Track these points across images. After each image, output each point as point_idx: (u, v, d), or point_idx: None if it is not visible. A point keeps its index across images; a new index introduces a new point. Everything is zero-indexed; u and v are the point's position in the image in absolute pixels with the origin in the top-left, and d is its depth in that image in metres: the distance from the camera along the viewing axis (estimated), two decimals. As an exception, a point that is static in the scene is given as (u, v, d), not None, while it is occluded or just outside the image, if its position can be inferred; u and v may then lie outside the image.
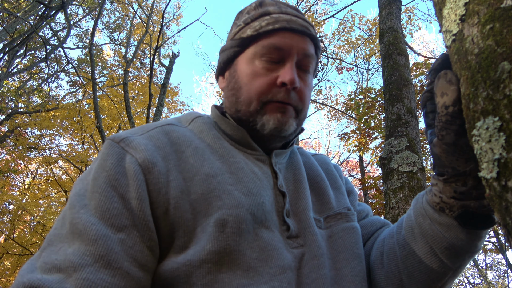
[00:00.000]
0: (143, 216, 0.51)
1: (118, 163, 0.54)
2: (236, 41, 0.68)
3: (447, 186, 0.53)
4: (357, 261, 0.64)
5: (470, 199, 0.52)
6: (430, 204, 0.58)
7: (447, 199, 0.54)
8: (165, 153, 0.57)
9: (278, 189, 0.64)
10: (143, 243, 0.50)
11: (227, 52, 0.70)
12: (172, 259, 0.51)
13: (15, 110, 11.15)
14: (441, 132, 0.47)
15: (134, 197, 0.51)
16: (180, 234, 0.52)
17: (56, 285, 0.43)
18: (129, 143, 0.56)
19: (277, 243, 0.56)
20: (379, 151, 6.71)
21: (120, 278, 0.46)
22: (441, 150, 0.49)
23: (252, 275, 0.51)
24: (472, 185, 0.51)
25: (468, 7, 0.39)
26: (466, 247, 0.57)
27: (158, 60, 9.69)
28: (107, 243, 0.47)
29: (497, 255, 12.33)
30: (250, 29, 0.66)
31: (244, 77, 0.65)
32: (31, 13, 8.84)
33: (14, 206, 10.28)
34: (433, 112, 0.52)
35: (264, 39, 0.64)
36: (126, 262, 0.48)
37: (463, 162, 0.48)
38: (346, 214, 0.70)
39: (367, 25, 10.03)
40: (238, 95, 0.66)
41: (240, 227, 0.53)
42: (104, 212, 0.50)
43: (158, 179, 0.53)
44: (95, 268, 0.45)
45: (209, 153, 0.61)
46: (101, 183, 0.52)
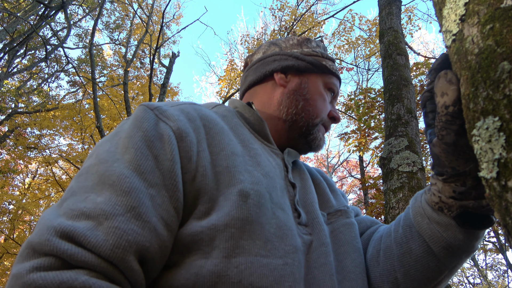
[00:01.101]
0: (174, 177, 0.53)
1: (154, 127, 0.56)
2: (315, 61, 0.80)
3: (446, 186, 0.54)
4: (357, 254, 0.67)
5: (469, 199, 0.53)
6: (428, 204, 0.59)
7: (446, 199, 0.55)
8: (196, 126, 0.60)
9: (288, 180, 0.69)
10: (170, 203, 0.51)
11: (302, 63, 0.80)
12: (194, 223, 0.53)
13: (15, 110, 11.15)
14: (441, 132, 0.48)
15: (167, 159, 0.53)
16: (204, 200, 0.54)
17: (88, 232, 0.43)
18: (163, 112, 0.58)
19: (291, 225, 0.59)
20: (379, 151, 6.71)
21: (148, 231, 0.47)
22: (440, 150, 0.49)
23: (269, 247, 0.53)
24: (471, 185, 0.51)
25: (468, 7, 0.39)
26: (463, 246, 0.58)
27: (158, 60, 9.69)
28: (139, 196, 0.48)
29: (497, 255, 12.33)
30: (326, 63, 0.81)
31: (316, 93, 0.79)
32: (31, 13, 8.84)
33: (14, 206, 10.27)
34: (433, 112, 0.52)
35: (331, 77, 0.81)
36: (155, 217, 0.48)
37: (462, 162, 0.49)
38: (345, 211, 0.74)
39: (367, 25, 10.03)
40: (307, 104, 0.77)
41: (260, 201, 0.56)
42: (139, 167, 0.51)
43: (189, 147, 0.56)
44: (126, 218, 0.46)
45: (232, 136, 0.65)
46: (137, 140, 0.53)
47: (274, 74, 0.80)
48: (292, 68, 0.79)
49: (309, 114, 0.76)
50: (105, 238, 0.43)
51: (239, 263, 0.50)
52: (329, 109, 0.80)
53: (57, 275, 0.39)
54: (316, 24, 9.21)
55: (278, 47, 0.83)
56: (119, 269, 0.44)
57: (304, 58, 0.79)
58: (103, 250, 0.43)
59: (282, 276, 0.51)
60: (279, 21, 9.56)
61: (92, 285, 0.40)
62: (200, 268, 0.49)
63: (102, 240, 0.43)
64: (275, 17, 9.83)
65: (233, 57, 13.41)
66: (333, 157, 18.41)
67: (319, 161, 18.44)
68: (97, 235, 0.43)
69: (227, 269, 0.49)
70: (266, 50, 0.84)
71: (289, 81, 0.79)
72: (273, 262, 0.52)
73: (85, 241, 0.42)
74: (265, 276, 0.50)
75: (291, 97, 0.77)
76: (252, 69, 0.84)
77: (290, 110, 0.76)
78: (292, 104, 0.76)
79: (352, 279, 0.62)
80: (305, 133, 0.75)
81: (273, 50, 0.83)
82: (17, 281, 0.39)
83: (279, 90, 0.78)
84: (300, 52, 0.81)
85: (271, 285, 0.50)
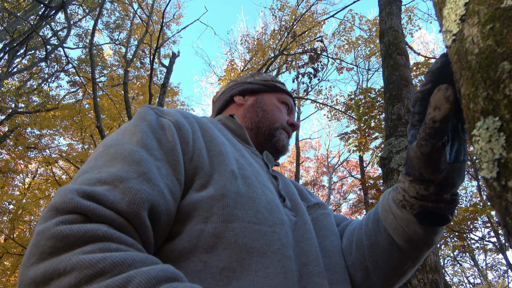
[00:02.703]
0: (176, 154, 0.61)
1: (156, 119, 0.65)
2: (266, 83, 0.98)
3: (411, 186, 0.60)
4: (334, 237, 0.76)
5: (429, 202, 0.59)
6: (394, 201, 0.66)
7: (409, 198, 0.61)
8: (190, 121, 0.71)
9: (271, 173, 0.80)
10: (173, 175, 0.59)
11: (255, 85, 0.98)
12: (193, 194, 0.60)
13: (15, 110, 11.15)
14: (421, 141, 0.52)
15: (169, 141, 0.62)
16: (201, 175, 0.62)
17: (107, 193, 0.48)
18: (162, 111, 0.69)
19: (278, 203, 0.68)
20: (379, 151, 6.71)
21: (157, 192, 0.53)
22: (415, 156, 0.54)
23: (260, 217, 0.61)
24: (433, 191, 0.57)
25: (468, 7, 0.39)
26: (423, 240, 0.64)
27: (158, 60, 9.69)
28: (148, 165, 0.55)
29: (497, 255, 12.33)
30: (276, 83, 0.99)
31: (271, 105, 0.94)
32: (31, 13, 8.84)
33: (14, 206, 10.27)
34: (420, 114, 0.54)
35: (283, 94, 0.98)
36: (162, 183, 0.55)
37: (430, 171, 0.54)
38: (322, 205, 0.85)
39: (367, 25, 10.03)
40: (265, 113, 0.92)
41: (247, 182, 0.65)
42: (146, 145, 0.58)
43: (186, 134, 0.66)
44: (138, 181, 0.52)
45: (219, 134, 0.75)
46: (143, 127, 0.62)
47: (234, 98, 0.97)
48: (247, 90, 0.97)
49: (268, 120, 0.90)
50: (122, 197, 0.49)
51: (235, 227, 0.57)
52: (286, 118, 0.95)
53: (81, 226, 0.44)
54: (316, 24, 9.21)
55: (234, 82, 1.02)
56: (134, 226, 0.49)
57: (256, 82, 0.98)
58: (121, 206, 0.48)
59: (271, 241, 0.59)
60: (279, 21, 9.56)
61: (113, 235, 0.45)
62: (201, 231, 0.56)
63: (120, 198, 0.49)
64: (275, 17, 9.84)
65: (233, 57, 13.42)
66: (333, 157, 18.42)
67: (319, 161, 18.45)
68: (115, 194, 0.49)
69: (224, 231, 0.56)
70: (226, 87, 1.03)
71: (247, 100, 0.96)
72: (263, 229, 0.59)
73: (104, 200, 0.48)
74: (256, 239, 0.57)
75: (251, 110, 0.93)
76: (217, 101, 1.03)
77: (253, 120, 0.91)
78: (253, 115, 0.91)
79: (330, 256, 0.70)
80: (268, 136, 0.89)
81: (231, 84, 1.02)
82: (43, 235, 0.43)
83: (240, 108, 0.95)
84: (253, 80, 1.00)
85: (262, 246, 0.57)
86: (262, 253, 0.56)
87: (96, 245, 0.43)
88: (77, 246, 0.42)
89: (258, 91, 0.97)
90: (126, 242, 0.46)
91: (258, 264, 0.55)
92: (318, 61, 9.62)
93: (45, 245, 0.42)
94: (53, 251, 0.42)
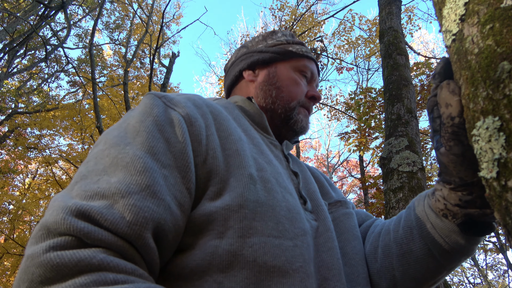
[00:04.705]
0: (186, 158, 0.53)
1: (163, 113, 0.57)
2: (279, 50, 0.83)
3: (452, 194, 0.54)
4: (357, 242, 0.69)
5: (474, 208, 0.53)
6: (432, 209, 0.60)
7: (452, 207, 0.55)
8: (203, 112, 0.62)
9: (291, 169, 0.71)
10: (183, 184, 0.52)
11: (266, 55, 0.83)
12: (206, 204, 0.53)
13: (15, 110, 11.14)
14: (449, 143, 0.48)
15: (179, 141, 0.54)
16: (216, 181, 0.55)
17: (104, 211, 0.43)
18: (171, 100, 0.60)
19: (299, 209, 0.61)
20: (379, 151, 6.71)
21: (163, 208, 0.47)
22: (449, 160, 0.49)
23: (281, 229, 0.54)
24: (478, 195, 0.51)
25: (468, 7, 0.39)
26: (463, 250, 0.60)
27: (158, 60, 9.68)
28: (153, 175, 0.48)
29: (497, 255, 12.33)
30: (293, 48, 0.83)
31: (286, 79, 0.80)
32: (31, 13, 8.84)
33: (14, 206, 10.27)
34: (440, 117, 0.51)
35: (301, 60, 0.83)
36: (168, 196, 0.49)
37: (471, 173, 0.49)
38: (344, 202, 0.77)
39: (367, 25, 10.03)
40: (279, 91, 0.79)
41: (267, 186, 0.57)
42: (151, 148, 0.51)
43: (199, 131, 0.58)
44: (142, 196, 0.46)
45: (236, 125, 0.68)
46: (148, 124, 0.54)
47: (243, 73, 0.84)
48: (258, 62, 0.83)
49: (284, 100, 0.78)
50: (122, 216, 0.43)
51: (253, 243, 0.51)
52: (305, 90, 0.81)
53: (74, 254, 0.39)
54: (316, 24, 9.20)
55: (245, 47, 0.88)
56: (136, 248, 0.44)
57: (268, 50, 0.83)
58: (120, 228, 0.42)
59: (293, 257, 0.53)
60: (279, 21, 9.55)
61: (110, 263, 0.39)
62: (216, 248, 0.50)
63: (119, 217, 0.43)
64: (275, 17, 9.83)
65: (233, 57, 13.36)
66: (333, 157, 18.41)
67: (319, 161, 18.44)
68: (113, 213, 0.43)
69: (242, 248, 0.50)
70: (237, 54, 0.89)
71: (258, 75, 0.83)
72: (284, 243, 0.53)
73: (101, 219, 0.42)
74: (277, 256, 0.51)
75: (264, 88, 0.80)
76: (228, 74, 0.90)
77: (267, 101, 0.79)
78: (267, 94, 0.79)
79: (352, 265, 0.64)
80: (285, 119, 0.78)
81: (242, 52, 0.88)
82: (32, 261, 0.39)
83: (252, 85, 0.83)
84: (265, 46, 0.85)
85: (283, 264, 0.51)
86: (283, 272, 0.50)
87: (91, 276, 0.38)
88: (69, 277, 0.38)
89: (271, 61, 0.82)
90: (125, 270, 0.41)
91: (278, 285, 0.49)
92: (318, 61, 9.61)
93: (35, 273, 0.38)
94: (43, 281, 0.38)
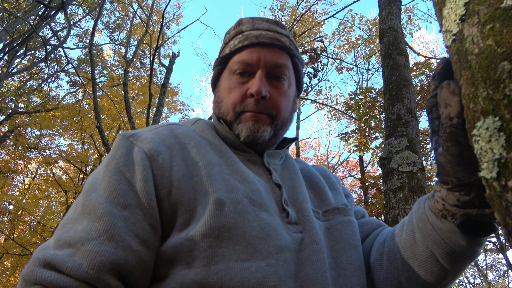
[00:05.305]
0: (147, 196, 0.56)
1: (127, 153, 0.60)
2: (219, 59, 0.76)
3: (450, 194, 0.54)
4: (353, 251, 0.67)
5: (473, 208, 0.53)
6: (432, 211, 0.59)
7: (450, 207, 0.55)
8: (170, 143, 0.64)
9: (273, 182, 0.69)
10: (145, 221, 0.55)
11: (214, 70, 0.78)
12: (175, 235, 0.56)
13: (15, 110, 11.14)
14: (446, 143, 0.48)
15: (140, 179, 0.57)
16: (182, 212, 0.57)
17: (66, 259, 0.49)
18: (137, 138, 0.63)
19: (276, 225, 0.60)
20: (379, 151, 6.71)
21: (122, 250, 0.51)
22: (446, 160, 0.49)
23: (251, 251, 0.55)
24: (475, 195, 0.51)
25: (468, 7, 0.39)
26: (466, 252, 0.58)
27: (158, 60, 9.68)
28: (111, 219, 0.53)
29: (497, 255, 12.33)
30: (228, 48, 0.74)
31: (223, 91, 0.74)
32: (31, 13, 8.84)
33: (14, 206, 10.26)
34: (439, 118, 0.51)
35: (236, 56, 0.72)
36: (128, 236, 0.53)
37: (468, 173, 0.49)
38: (343, 209, 0.74)
39: (367, 25, 10.03)
40: (220, 107, 0.74)
41: (237, 207, 0.58)
42: (112, 192, 0.56)
43: (162, 164, 0.60)
44: (99, 241, 0.51)
45: (209, 148, 0.67)
46: (111, 168, 0.59)
47: None
48: (214, 81, 0.80)
49: (224, 115, 0.73)
50: (81, 262, 0.49)
51: (219, 269, 0.52)
52: (242, 92, 0.70)
53: None
54: (316, 24, 9.20)
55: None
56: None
57: (215, 63, 0.78)
58: (80, 273, 0.48)
59: (264, 277, 0.53)
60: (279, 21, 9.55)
61: None
62: (184, 277, 0.52)
63: (78, 264, 0.49)
64: (275, 17, 9.83)
65: (233, 57, 13.35)
66: (333, 157, 18.41)
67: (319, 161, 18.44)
68: (74, 260, 0.49)
69: (207, 276, 0.52)
70: None
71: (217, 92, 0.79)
72: (254, 265, 0.54)
73: (63, 267, 0.49)
74: (246, 279, 0.52)
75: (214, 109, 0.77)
76: None
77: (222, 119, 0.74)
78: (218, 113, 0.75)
79: (346, 276, 0.63)
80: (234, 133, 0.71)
81: None
82: None
83: None
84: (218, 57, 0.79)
85: (253, 287, 0.52)
86: None
87: None
88: None
89: (219, 76, 0.78)
90: None
91: None
92: (318, 61, 9.62)
93: None
94: None
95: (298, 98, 0.85)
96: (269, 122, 0.71)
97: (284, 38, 0.74)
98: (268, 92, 0.69)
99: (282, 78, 0.72)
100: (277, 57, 0.72)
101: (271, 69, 0.71)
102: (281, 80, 0.72)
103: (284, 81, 0.73)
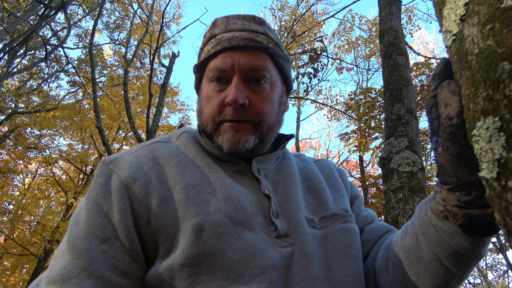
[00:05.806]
0: (125, 228, 0.56)
1: (105, 183, 0.60)
2: (196, 66, 0.72)
3: (451, 195, 0.53)
4: (351, 262, 0.64)
5: (474, 208, 0.52)
6: (434, 212, 0.59)
7: (451, 208, 0.54)
8: (148, 167, 0.63)
9: (262, 192, 0.65)
10: (125, 252, 0.55)
11: (195, 77, 0.74)
12: (158, 264, 0.56)
13: (15, 110, 11.14)
14: (446, 143, 0.47)
15: (116, 211, 0.57)
16: (162, 239, 0.56)
17: None
18: (117, 164, 0.62)
19: (261, 243, 0.58)
20: (379, 151, 6.71)
21: (101, 285, 0.52)
22: (445, 160, 0.49)
23: (232, 276, 0.54)
24: (476, 195, 0.51)
25: (468, 7, 0.39)
26: (470, 254, 0.57)
27: (158, 60, 9.68)
28: (90, 255, 0.53)
29: (497, 255, 12.33)
30: (203, 53, 0.70)
31: (203, 100, 0.70)
32: (31, 13, 8.84)
33: (14, 206, 10.27)
34: (438, 118, 0.51)
35: (211, 62, 0.68)
36: (108, 271, 0.53)
37: (467, 173, 0.49)
38: (342, 215, 0.70)
39: (367, 25, 10.03)
40: (201, 117, 0.70)
41: (218, 231, 0.56)
42: (90, 227, 0.56)
43: (139, 192, 0.59)
44: (79, 279, 0.52)
45: (191, 166, 0.65)
46: (90, 201, 0.59)
47: None
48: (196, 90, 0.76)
49: (204, 126, 0.69)
50: None
51: None
52: (220, 100, 0.66)
53: None
54: (316, 24, 9.20)
55: None
56: None
57: (194, 70, 0.73)
58: None
59: None
60: (279, 21, 9.55)
61: None
62: None
63: None
64: (275, 17, 9.83)
65: (233, 57, 13.35)
66: (333, 157, 18.40)
67: (319, 161, 18.39)
68: None
69: None
70: None
71: None
72: None
73: None
74: None
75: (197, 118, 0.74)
76: None
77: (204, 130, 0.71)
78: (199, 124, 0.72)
79: None
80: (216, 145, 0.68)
81: None
82: None
83: None
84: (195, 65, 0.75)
85: None
86: None
87: None
88: None
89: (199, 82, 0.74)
90: None
91: None
92: (318, 61, 9.62)
93: None
94: None
95: (289, 95, 0.79)
96: (252, 130, 0.66)
97: (261, 36, 0.68)
98: (246, 99, 0.65)
99: (261, 80, 0.67)
100: (253, 60, 0.66)
101: (248, 73, 0.66)
102: (261, 83, 0.67)
103: (265, 84, 0.68)
